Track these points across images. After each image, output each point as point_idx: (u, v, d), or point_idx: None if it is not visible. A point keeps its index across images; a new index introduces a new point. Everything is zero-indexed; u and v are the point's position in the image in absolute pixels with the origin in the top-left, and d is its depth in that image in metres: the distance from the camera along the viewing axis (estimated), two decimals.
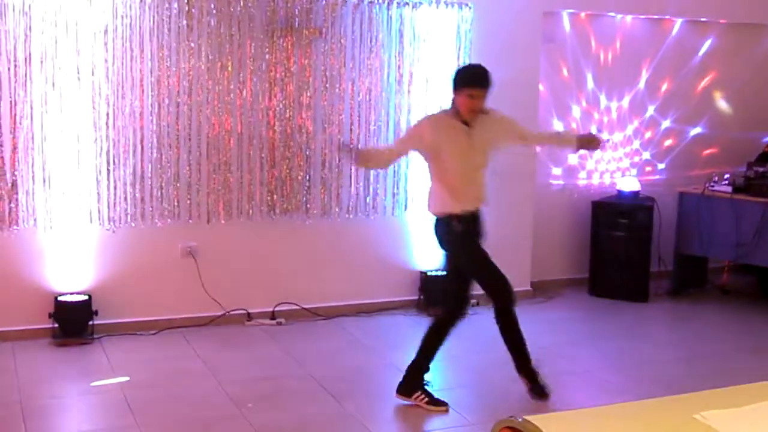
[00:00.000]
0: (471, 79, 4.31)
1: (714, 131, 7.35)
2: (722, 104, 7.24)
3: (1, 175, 5.06)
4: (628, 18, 6.86)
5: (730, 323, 6.17)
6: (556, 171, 6.84)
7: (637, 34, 6.94)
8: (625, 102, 6.99)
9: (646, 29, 6.96)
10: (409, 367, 4.46)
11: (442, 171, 4.39)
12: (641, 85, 7.01)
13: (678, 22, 7.02)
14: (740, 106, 7.39)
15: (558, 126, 6.71)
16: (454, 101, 4.37)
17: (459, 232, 4.42)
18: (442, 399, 4.43)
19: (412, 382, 4.43)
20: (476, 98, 4.28)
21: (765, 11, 7.08)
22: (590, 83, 6.83)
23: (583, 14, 6.68)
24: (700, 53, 7.17)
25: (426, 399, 4.40)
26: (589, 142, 4.76)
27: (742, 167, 6.61)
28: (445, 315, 4.56)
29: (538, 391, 4.46)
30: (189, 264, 5.56)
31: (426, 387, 4.45)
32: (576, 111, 6.82)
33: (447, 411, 4.38)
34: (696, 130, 7.30)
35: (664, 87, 7.08)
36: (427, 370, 4.49)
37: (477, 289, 6.29)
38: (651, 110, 7.10)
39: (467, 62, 6.02)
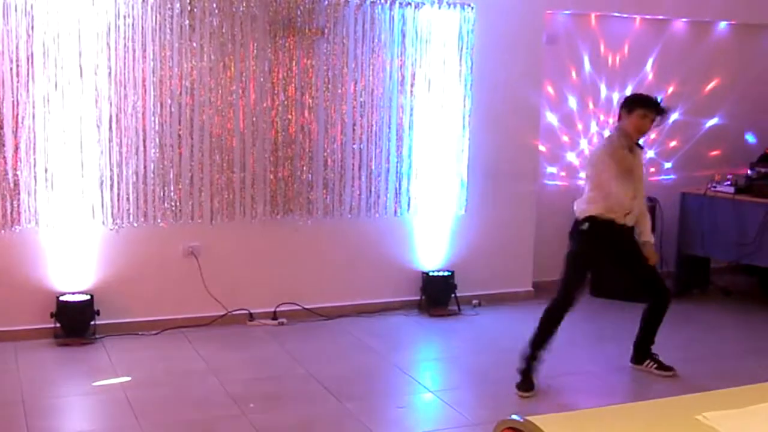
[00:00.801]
0: (650, 104, 4.67)
1: (716, 132, 7.35)
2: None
3: (3, 174, 5.06)
4: (632, 18, 6.85)
5: (732, 324, 6.16)
6: (559, 171, 6.83)
7: (641, 34, 6.93)
8: None
9: (650, 29, 6.95)
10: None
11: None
12: (645, 85, 6.99)
13: (681, 23, 7.02)
14: (743, 107, 7.37)
15: (561, 128, 6.72)
16: (622, 119, 4.73)
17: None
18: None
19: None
20: (649, 122, 4.68)
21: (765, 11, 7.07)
22: (593, 84, 6.82)
23: (585, 15, 6.67)
24: (704, 54, 7.16)
25: None
26: (649, 254, 4.95)
27: (744, 168, 6.61)
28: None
29: None
30: (191, 264, 5.56)
31: None
32: (579, 112, 6.82)
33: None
34: (699, 131, 7.29)
35: (668, 86, 7.07)
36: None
37: (477, 289, 6.32)
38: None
39: (470, 63, 6.03)
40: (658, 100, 4.74)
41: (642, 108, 4.64)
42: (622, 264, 5.01)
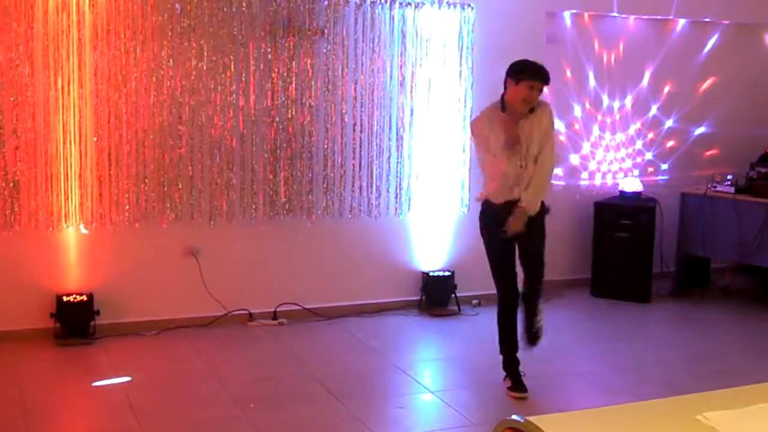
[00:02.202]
0: (532, 72, 4.38)
1: (716, 132, 7.35)
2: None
3: (3, 174, 5.06)
4: (631, 18, 6.86)
5: (732, 324, 6.16)
6: (559, 171, 6.82)
7: (640, 34, 6.93)
8: (628, 102, 6.98)
9: (649, 29, 6.95)
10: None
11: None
12: (644, 85, 7.00)
13: (680, 23, 7.02)
14: (743, 107, 7.37)
15: (562, 128, 6.72)
16: (507, 89, 4.46)
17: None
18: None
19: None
20: (536, 90, 4.37)
21: (766, 11, 7.06)
22: (593, 84, 6.82)
23: (585, 14, 6.67)
24: (703, 54, 7.16)
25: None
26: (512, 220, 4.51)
27: (744, 168, 6.60)
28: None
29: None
30: (191, 264, 5.56)
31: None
32: (578, 111, 6.82)
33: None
34: (699, 131, 7.29)
35: (667, 88, 7.08)
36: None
37: (477, 289, 6.32)
38: (653, 111, 7.09)
39: (469, 63, 6.03)
40: (538, 64, 4.45)
41: (530, 79, 4.34)
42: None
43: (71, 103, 5.14)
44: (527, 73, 4.37)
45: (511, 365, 4.64)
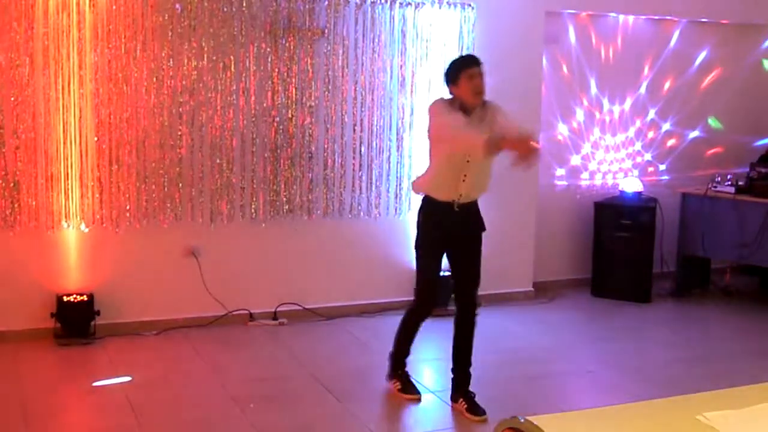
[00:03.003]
0: (467, 61, 4.25)
1: (716, 132, 7.34)
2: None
3: (3, 174, 5.06)
4: (631, 18, 6.86)
5: (732, 324, 6.16)
6: (559, 171, 6.83)
7: (640, 34, 6.93)
8: (628, 102, 6.98)
9: (649, 29, 6.95)
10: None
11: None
12: (644, 85, 7.00)
13: (680, 23, 7.02)
14: (743, 107, 7.37)
15: (562, 128, 6.72)
16: (452, 91, 4.25)
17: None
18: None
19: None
20: (478, 76, 4.18)
21: (766, 12, 7.06)
22: (592, 84, 6.82)
23: (585, 14, 6.67)
24: (702, 54, 7.16)
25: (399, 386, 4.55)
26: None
27: (744, 168, 6.60)
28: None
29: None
30: (191, 264, 5.56)
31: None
32: (578, 111, 6.82)
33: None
34: (697, 132, 7.29)
35: (667, 86, 7.08)
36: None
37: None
38: (653, 111, 7.09)
39: None
40: (472, 55, 4.35)
41: (463, 70, 4.15)
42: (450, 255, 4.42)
43: (71, 103, 5.14)
44: (463, 66, 4.19)
45: (403, 367, 4.55)
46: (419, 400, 4.51)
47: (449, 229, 4.33)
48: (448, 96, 4.32)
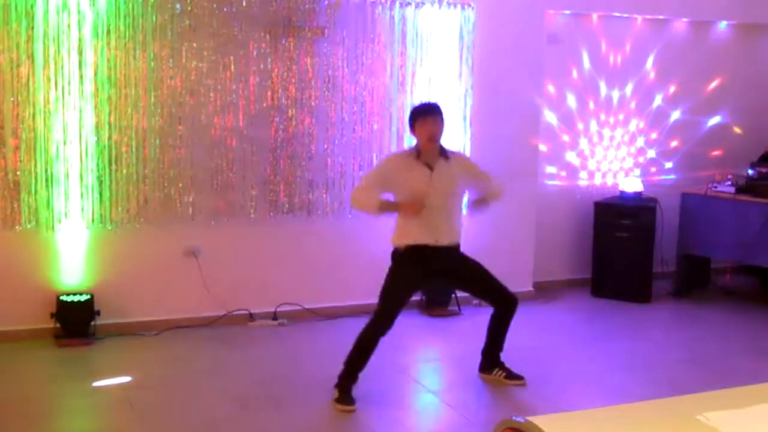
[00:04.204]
0: (423, 109, 4.52)
1: (717, 132, 7.35)
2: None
3: (3, 174, 5.06)
4: (633, 18, 6.85)
5: (732, 324, 6.16)
6: (559, 171, 6.83)
7: (642, 34, 6.93)
8: (629, 102, 6.98)
9: (651, 29, 6.95)
10: None
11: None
12: (645, 85, 7.00)
13: (682, 23, 7.01)
14: (743, 107, 7.37)
15: (562, 128, 6.72)
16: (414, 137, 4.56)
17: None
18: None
19: None
20: (431, 123, 4.44)
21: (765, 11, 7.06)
22: (594, 83, 6.82)
23: (586, 14, 6.67)
24: (705, 54, 7.15)
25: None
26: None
27: (744, 168, 6.60)
28: None
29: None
30: (191, 264, 5.56)
31: None
32: (579, 111, 6.82)
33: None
34: (700, 131, 7.29)
35: (669, 86, 7.07)
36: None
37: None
38: (656, 111, 7.09)
39: (469, 63, 6.02)
40: (432, 103, 4.59)
41: (420, 117, 4.47)
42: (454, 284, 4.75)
43: (71, 103, 5.13)
44: (418, 114, 4.50)
45: (354, 382, 4.50)
46: (353, 411, 4.36)
47: (430, 266, 4.56)
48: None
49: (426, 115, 4.48)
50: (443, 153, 4.53)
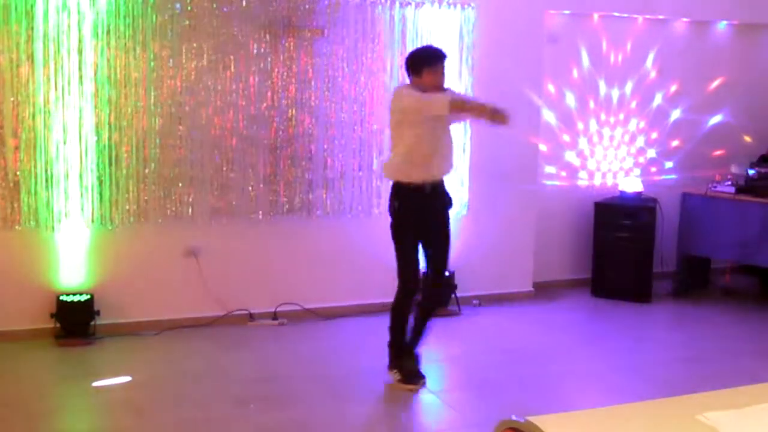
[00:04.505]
0: (433, 56, 4.48)
1: (717, 132, 7.34)
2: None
3: (3, 174, 5.06)
4: (633, 18, 6.85)
5: (732, 324, 6.15)
6: (559, 171, 6.83)
7: (642, 34, 6.92)
8: (629, 102, 6.98)
9: (651, 29, 6.95)
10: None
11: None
12: (645, 85, 7.00)
13: (682, 23, 7.01)
14: (744, 107, 7.37)
15: (563, 128, 6.72)
16: (414, 82, 4.50)
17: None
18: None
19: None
20: (441, 73, 4.46)
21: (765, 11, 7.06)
22: (594, 83, 6.82)
23: (585, 14, 6.67)
24: (705, 54, 7.15)
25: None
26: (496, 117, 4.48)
27: (744, 168, 6.60)
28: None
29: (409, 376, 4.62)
30: (191, 264, 5.55)
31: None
32: (579, 111, 6.82)
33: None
34: (700, 131, 7.29)
35: (669, 85, 7.07)
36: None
37: (477, 289, 6.32)
38: (656, 110, 7.09)
39: (469, 62, 6.02)
40: (438, 48, 4.55)
41: (430, 65, 4.43)
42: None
43: (71, 103, 5.14)
44: (428, 61, 4.46)
45: (410, 357, 4.64)
46: (417, 390, 4.54)
47: (423, 211, 4.55)
48: (407, 83, 4.61)
49: (437, 64, 4.45)
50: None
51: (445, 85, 4.60)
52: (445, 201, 4.66)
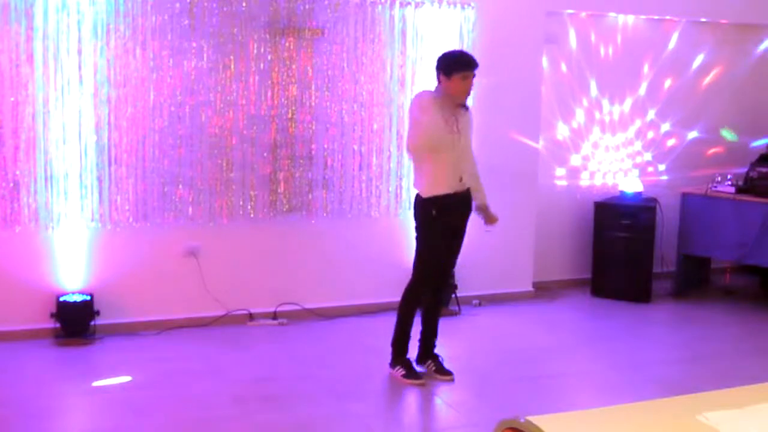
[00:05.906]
0: (465, 62, 4.50)
1: (716, 132, 7.35)
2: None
3: (3, 174, 5.06)
4: (630, 18, 6.86)
5: (732, 324, 6.16)
6: (559, 171, 6.83)
7: (639, 34, 6.93)
8: (627, 102, 6.98)
9: (648, 29, 6.95)
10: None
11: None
12: (643, 85, 7.00)
13: (679, 23, 7.02)
14: (742, 107, 7.37)
15: (562, 128, 6.72)
16: (442, 83, 4.54)
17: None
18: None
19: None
20: (470, 81, 4.51)
21: (765, 11, 7.06)
22: (593, 84, 6.82)
23: (585, 14, 6.67)
24: (702, 53, 7.16)
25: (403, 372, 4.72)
26: (486, 216, 4.90)
27: (744, 167, 6.60)
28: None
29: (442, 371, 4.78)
30: (191, 264, 5.56)
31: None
32: (578, 111, 6.82)
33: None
34: (696, 132, 7.29)
35: (666, 86, 7.08)
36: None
37: (477, 289, 6.33)
38: (653, 111, 7.09)
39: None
40: (472, 56, 4.56)
41: (461, 71, 4.44)
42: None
43: (71, 103, 5.14)
44: (460, 67, 4.47)
45: (406, 353, 4.78)
46: (423, 385, 4.62)
47: (453, 216, 4.63)
48: (434, 85, 4.63)
49: (468, 71, 4.46)
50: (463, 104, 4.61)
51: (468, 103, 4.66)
52: (470, 208, 4.76)
